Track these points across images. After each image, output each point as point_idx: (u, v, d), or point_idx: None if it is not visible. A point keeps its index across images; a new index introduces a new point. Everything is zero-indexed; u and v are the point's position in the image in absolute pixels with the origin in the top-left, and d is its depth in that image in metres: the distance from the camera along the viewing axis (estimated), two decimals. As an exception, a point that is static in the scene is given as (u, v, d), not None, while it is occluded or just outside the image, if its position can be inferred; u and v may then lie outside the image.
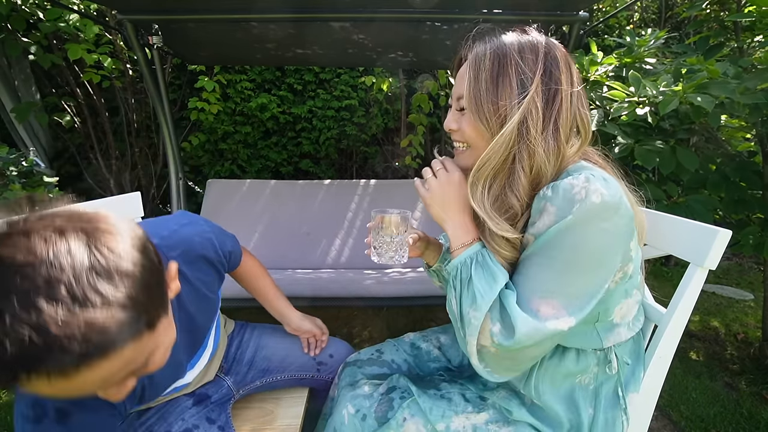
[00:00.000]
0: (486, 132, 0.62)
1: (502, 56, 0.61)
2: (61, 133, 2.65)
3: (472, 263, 0.63)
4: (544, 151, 0.59)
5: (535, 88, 0.59)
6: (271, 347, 1.03)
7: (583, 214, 0.54)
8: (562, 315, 0.56)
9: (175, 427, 0.80)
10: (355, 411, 0.76)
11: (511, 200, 0.62)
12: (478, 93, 0.61)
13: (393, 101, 3.21)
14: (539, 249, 0.59)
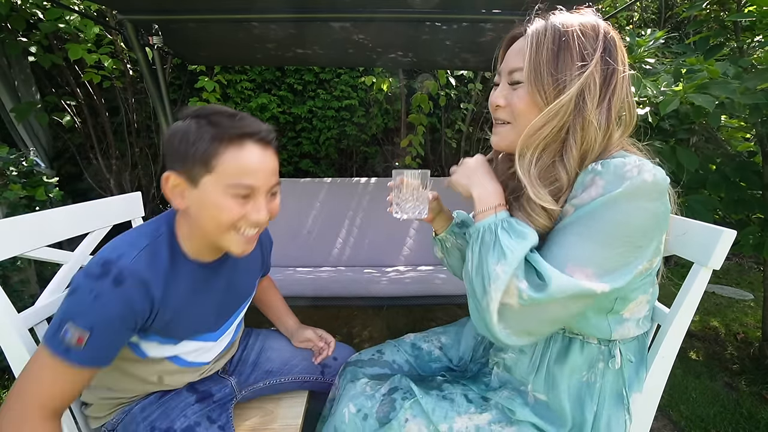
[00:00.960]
0: (542, 103, 0.62)
1: (564, 30, 0.62)
2: (61, 133, 2.65)
3: (497, 228, 0.62)
4: (597, 125, 0.60)
5: (595, 63, 0.60)
6: (276, 349, 1.04)
7: (632, 189, 0.55)
8: (596, 281, 0.56)
9: (177, 423, 0.80)
10: (357, 410, 0.76)
11: (559, 172, 0.62)
12: (539, 64, 0.61)
13: (393, 101, 3.21)
14: (579, 219, 0.58)
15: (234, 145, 0.65)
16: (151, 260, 0.68)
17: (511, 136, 0.68)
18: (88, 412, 0.84)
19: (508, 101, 0.67)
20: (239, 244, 0.71)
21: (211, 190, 0.66)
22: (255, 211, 0.69)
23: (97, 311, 0.63)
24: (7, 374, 1.73)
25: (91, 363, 0.64)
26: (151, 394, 0.85)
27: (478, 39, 1.76)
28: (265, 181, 0.69)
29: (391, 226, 2.24)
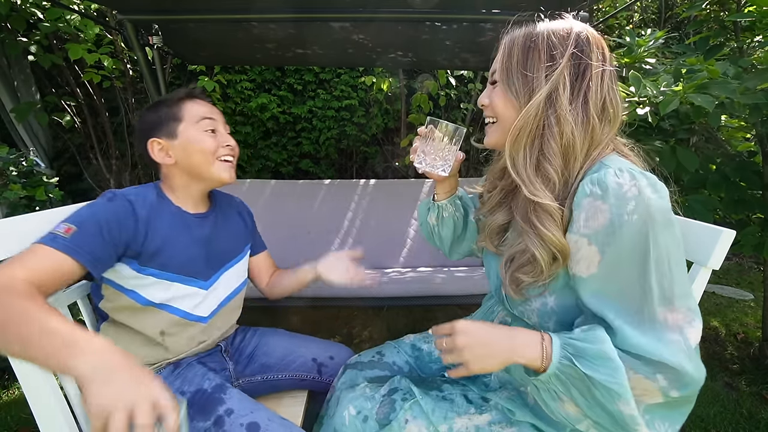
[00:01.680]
0: (515, 102, 0.65)
1: (534, 34, 0.65)
2: (61, 133, 2.65)
3: (572, 360, 0.56)
4: (573, 120, 0.61)
5: (566, 62, 0.61)
6: (272, 345, 1.07)
7: (646, 209, 0.54)
8: (691, 317, 0.54)
9: (204, 384, 0.85)
10: (357, 412, 0.75)
11: (547, 169, 0.62)
12: (510, 65, 0.65)
13: (393, 101, 3.21)
14: (620, 262, 0.56)
15: (188, 100, 0.91)
16: (139, 194, 0.85)
17: (497, 134, 0.70)
18: None
19: (490, 100, 0.70)
20: (224, 170, 0.92)
21: (188, 131, 0.89)
22: (225, 140, 0.93)
23: (87, 213, 0.77)
24: (7, 374, 1.73)
25: (72, 252, 0.70)
26: (162, 369, 0.88)
27: (478, 39, 1.76)
28: (220, 117, 0.95)
29: (390, 227, 2.24)
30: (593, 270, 0.58)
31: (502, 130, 0.68)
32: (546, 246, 0.61)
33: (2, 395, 1.65)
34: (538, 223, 0.61)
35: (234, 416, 0.78)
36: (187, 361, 0.91)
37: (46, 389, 0.73)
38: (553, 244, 0.60)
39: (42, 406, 0.74)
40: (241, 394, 0.85)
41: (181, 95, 0.92)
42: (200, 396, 0.82)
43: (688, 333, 0.54)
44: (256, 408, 0.81)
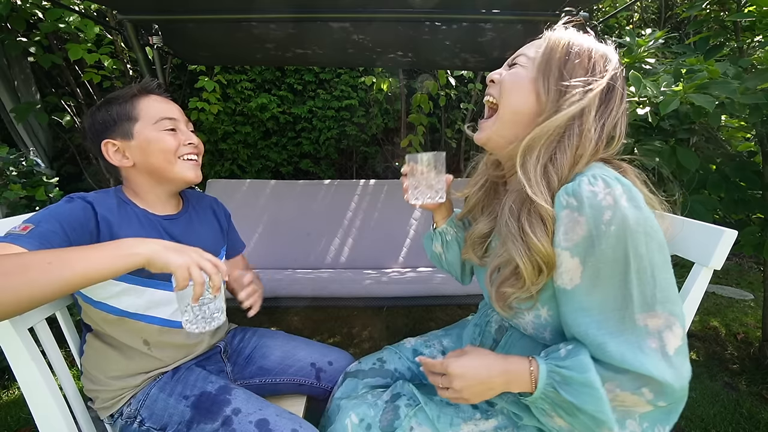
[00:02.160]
0: (536, 91, 0.65)
1: (581, 43, 0.66)
2: (61, 133, 2.65)
3: (557, 388, 0.58)
4: (590, 137, 0.62)
5: (605, 83, 0.63)
6: (270, 346, 1.05)
7: (622, 220, 0.54)
8: (671, 322, 0.55)
9: (208, 387, 0.83)
10: (359, 420, 0.74)
11: (552, 175, 0.62)
12: (551, 58, 0.65)
13: (393, 101, 3.21)
14: (601, 272, 0.56)
15: (142, 96, 0.85)
16: (99, 197, 0.80)
17: (493, 127, 0.70)
18: (96, 405, 0.84)
19: (500, 78, 0.70)
20: (188, 169, 0.87)
21: (145, 131, 0.83)
22: (186, 138, 0.87)
23: (45, 213, 0.72)
24: (7, 374, 1.73)
25: (28, 246, 0.64)
26: (160, 377, 0.86)
27: (478, 39, 1.75)
28: (181, 115, 0.88)
29: (390, 227, 2.24)
30: (577, 281, 0.58)
31: (499, 123, 0.68)
32: (532, 255, 0.59)
33: (2, 395, 1.65)
34: (528, 229, 0.60)
35: (242, 415, 0.78)
36: (185, 365, 0.90)
37: (45, 389, 0.73)
38: (539, 253, 0.59)
39: (41, 407, 0.74)
40: (247, 393, 0.84)
41: (133, 91, 0.84)
42: (205, 399, 0.81)
43: (667, 338, 0.54)
44: (264, 405, 0.81)
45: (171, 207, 0.92)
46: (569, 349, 0.60)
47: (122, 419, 0.83)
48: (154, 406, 0.82)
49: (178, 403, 0.81)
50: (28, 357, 0.71)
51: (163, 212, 0.89)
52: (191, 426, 0.78)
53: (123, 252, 0.62)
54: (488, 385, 0.63)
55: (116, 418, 0.83)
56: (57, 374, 0.80)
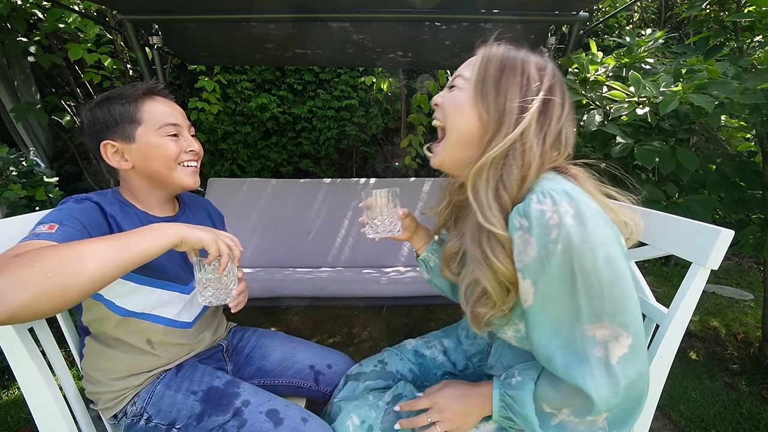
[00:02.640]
0: (477, 113, 0.64)
1: (514, 57, 0.65)
2: (61, 133, 2.65)
3: (508, 410, 0.66)
4: (533, 153, 0.62)
5: (541, 97, 0.62)
6: (269, 347, 1.06)
7: (567, 238, 0.53)
8: (619, 333, 0.54)
9: (215, 382, 0.84)
10: (360, 422, 0.74)
11: (503, 196, 0.62)
12: (485, 76, 0.65)
13: (393, 101, 3.21)
14: (551, 291, 0.56)
15: (146, 99, 0.83)
16: (102, 199, 0.80)
17: (443, 152, 0.70)
18: (98, 407, 0.85)
19: (442, 101, 0.70)
20: (187, 176, 0.86)
21: (148, 136, 0.81)
22: (188, 144, 0.86)
23: (64, 212, 0.72)
24: (7, 374, 1.73)
25: (62, 241, 0.65)
26: (164, 374, 0.86)
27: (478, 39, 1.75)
28: (184, 120, 0.87)
29: (391, 226, 2.24)
30: (530, 302, 0.59)
31: (449, 147, 0.68)
32: (497, 277, 0.61)
33: (2, 395, 1.65)
34: (490, 253, 0.61)
35: (252, 406, 0.79)
36: (189, 363, 0.90)
37: (45, 389, 0.73)
38: (504, 275, 0.60)
39: (41, 407, 0.74)
40: (254, 387, 0.85)
41: (138, 93, 0.82)
42: (214, 392, 0.82)
43: (612, 348, 0.55)
44: (271, 397, 0.83)
45: (169, 209, 0.92)
46: (519, 380, 0.65)
47: (127, 418, 0.83)
48: (160, 402, 0.82)
49: (186, 398, 0.82)
50: (28, 357, 0.71)
51: (161, 214, 0.89)
52: (202, 419, 0.79)
53: (161, 233, 0.67)
54: (468, 411, 0.70)
55: (120, 418, 0.83)
56: (57, 374, 0.80)
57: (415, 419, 0.71)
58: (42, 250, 0.57)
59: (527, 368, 0.67)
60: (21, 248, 0.60)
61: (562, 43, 1.74)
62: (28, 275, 0.53)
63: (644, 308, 0.79)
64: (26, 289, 0.52)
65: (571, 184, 0.60)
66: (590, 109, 1.56)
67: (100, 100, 0.82)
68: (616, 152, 1.41)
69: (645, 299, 0.80)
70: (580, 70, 1.67)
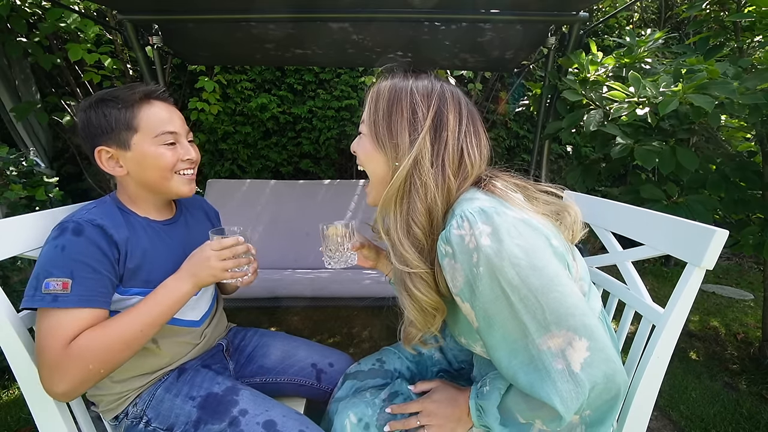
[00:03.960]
0: (381, 155, 0.66)
1: (398, 88, 0.66)
2: (61, 132, 2.65)
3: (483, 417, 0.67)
4: (434, 183, 0.62)
5: (428, 126, 0.63)
6: (271, 346, 1.07)
7: (486, 259, 0.54)
8: (570, 338, 0.53)
9: (214, 388, 0.84)
10: (358, 420, 0.75)
11: (415, 231, 0.63)
12: (376, 118, 0.66)
13: (393, 101, 3.21)
14: (489, 311, 0.56)
15: (144, 104, 0.79)
16: (104, 214, 0.77)
17: (372, 192, 0.72)
18: (99, 409, 0.85)
19: (357, 149, 0.72)
20: (183, 184, 0.85)
21: (144, 145, 0.79)
22: (185, 153, 0.84)
23: (69, 259, 0.69)
24: (7, 374, 1.73)
25: (84, 303, 0.69)
26: (166, 377, 0.86)
27: (478, 39, 1.75)
28: (182, 127, 0.84)
29: (391, 226, 2.24)
30: (476, 324, 0.59)
31: (375, 187, 0.70)
32: (420, 306, 0.62)
33: (2, 395, 1.65)
34: (410, 285, 0.62)
35: (249, 416, 0.78)
36: (191, 366, 0.90)
37: (46, 389, 0.73)
38: (426, 303, 0.62)
39: (41, 406, 0.74)
40: (254, 393, 0.84)
41: (136, 97, 0.78)
42: (212, 399, 0.82)
43: (570, 355, 0.53)
44: (271, 406, 0.81)
45: (166, 212, 0.91)
46: (487, 389, 0.67)
47: (128, 419, 0.83)
48: (160, 406, 0.82)
49: (185, 403, 0.81)
50: (28, 357, 0.71)
51: (160, 218, 0.89)
52: (198, 426, 0.79)
53: (181, 298, 0.76)
54: (457, 417, 0.71)
55: (121, 419, 0.84)
56: (57, 374, 0.80)
57: (406, 421, 0.72)
58: (85, 343, 0.67)
59: (497, 378, 0.66)
60: (61, 333, 0.66)
61: (562, 43, 1.74)
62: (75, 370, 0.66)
63: (640, 309, 0.79)
64: (74, 380, 0.66)
65: (488, 198, 0.60)
66: (590, 109, 1.56)
67: (96, 102, 0.78)
68: (616, 152, 1.41)
69: (641, 299, 0.80)
70: (580, 70, 1.67)
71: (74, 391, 0.67)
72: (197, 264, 0.78)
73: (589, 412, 0.60)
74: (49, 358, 0.65)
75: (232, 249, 0.78)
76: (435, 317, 0.64)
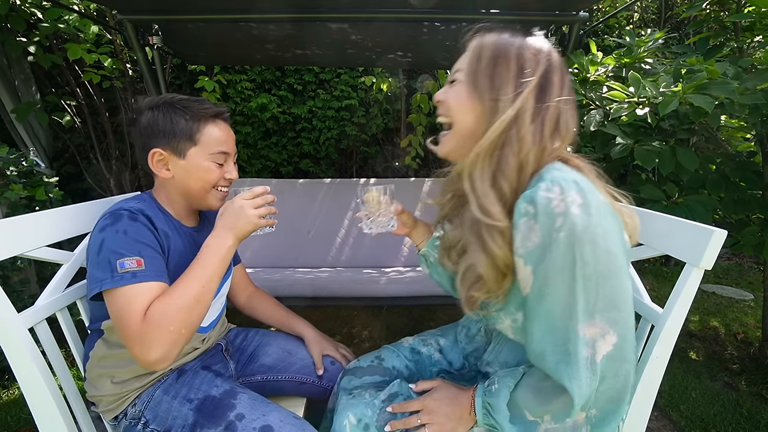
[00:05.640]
0: (477, 105, 0.64)
1: (506, 44, 0.65)
2: (61, 133, 2.65)
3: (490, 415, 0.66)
4: (531, 140, 0.62)
5: (534, 83, 0.62)
6: (273, 344, 1.07)
7: (571, 227, 0.53)
8: (606, 330, 0.55)
9: (212, 391, 0.84)
10: (357, 420, 0.75)
11: (502, 184, 0.62)
12: (478, 67, 0.65)
13: (393, 101, 3.21)
14: (549, 279, 0.56)
15: (210, 122, 0.86)
16: (148, 207, 0.82)
17: (451, 143, 0.70)
18: (99, 409, 0.85)
19: (446, 98, 0.70)
20: (217, 200, 0.90)
21: (198, 158, 0.85)
22: (228, 172, 0.91)
23: (134, 240, 0.74)
24: (7, 374, 1.73)
25: (158, 277, 0.74)
26: (165, 378, 0.86)
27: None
28: (233, 148, 0.92)
29: (390, 226, 2.24)
30: (528, 290, 0.59)
31: (456, 138, 0.69)
32: (493, 262, 0.61)
33: (2, 395, 1.65)
34: (489, 239, 0.61)
35: (246, 421, 0.78)
36: (191, 367, 0.90)
37: (45, 389, 0.73)
38: (500, 260, 0.61)
39: (41, 407, 0.74)
40: (252, 397, 0.84)
41: (205, 114, 0.85)
42: (209, 403, 0.81)
43: (598, 346, 0.55)
44: (268, 410, 0.81)
45: (194, 219, 0.96)
46: (496, 387, 0.67)
47: (126, 420, 0.83)
48: (158, 408, 0.82)
49: (182, 405, 0.81)
50: (28, 357, 0.71)
51: (189, 223, 0.93)
52: (194, 430, 0.79)
53: (226, 254, 0.78)
54: (458, 415, 0.70)
55: (120, 420, 0.84)
56: (57, 374, 0.81)
57: (406, 420, 0.72)
58: (158, 309, 0.69)
59: (506, 375, 0.68)
60: (138, 304, 0.69)
61: (562, 43, 1.74)
62: (160, 336, 0.68)
63: (639, 309, 0.79)
64: (163, 345, 0.68)
65: (579, 175, 0.59)
66: (590, 110, 1.56)
67: (164, 105, 0.84)
68: (616, 152, 1.41)
69: (640, 299, 0.81)
70: (580, 70, 1.67)
71: (168, 355, 0.69)
72: (233, 216, 0.79)
73: (595, 411, 0.60)
74: (133, 332, 0.68)
75: (263, 197, 0.83)
76: (506, 277, 0.62)
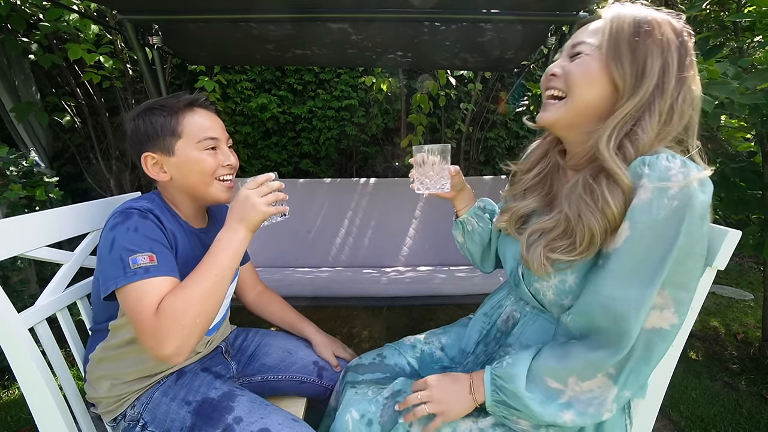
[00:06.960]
0: (609, 76, 0.63)
1: (648, 19, 0.63)
2: (61, 133, 2.65)
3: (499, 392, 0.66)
4: (668, 114, 0.62)
5: (677, 59, 0.62)
6: (273, 344, 1.07)
7: (687, 198, 0.55)
8: (666, 305, 0.57)
9: (211, 393, 0.84)
10: (360, 416, 0.75)
11: (628, 149, 0.62)
12: (619, 40, 0.63)
13: (393, 101, 3.21)
14: (645, 241, 0.57)
15: (188, 111, 0.85)
16: (156, 207, 0.82)
17: (561, 111, 0.68)
18: (99, 410, 0.85)
19: (564, 71, 0.68)
20: (223, 191, 0.88)
21: (186, 150, 0.83)
22: (225, 158, 0.87)
23: (145, 238, 0.75)
24: (7, 374, 1.73)
25: (170, 272, 0.74)
26: (164, 380, 0.86)
27: (478, 39, 1.75)
28: (223, 134, 0.89)
29: (390, 227, 2.24)
30: (618, 245, 0.60)
31: (569, 109, 0.67)
32: (603, 215, 0.61)
33: (2, 395, 1.65)
34: (609, 197, 0.60)
35: (243, 424, 0.77)
36: (190, 369, 0.90)
37: (45, 389, 0.73)
38: (612, 216, 0.60)
39: (41, 407, 0.74)
40: (251, 399, 0.83)
41: (180, 105, 0.84)
42: (207, 405, 0.81)
43: (654, 315, 0.58)
44: (267, 413, 0.80)
45: (201, 220, 0.95)
46: (509, 362, 0.67)
47: (125, 421, 0.83)
48: (156, 410, 0.82)
49: (180, 408, 0.81)
50: (28, 357, 0.71)
51: (197, 225, 0.92)
52: None
53: (239, 247, 0.77)
54: (458, 392, 0.70)
55: (119, 421, 0.84)
56: (57, 374, 0.81)
57: (408, 398, 0.72)
58: (171, 303, 0.69)
59: (521, 351, 0.69)
60: (151, 299, 0.69)
61: (563, 43, 1.74)
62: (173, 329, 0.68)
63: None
64: (177, 338, 0.68)
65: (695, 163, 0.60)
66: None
67: (143, 111, 0.84)
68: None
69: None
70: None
71: (183, 348, 0.69)
72: (241, 208, 0.78)
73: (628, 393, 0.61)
74: (146, 326, 0.68)
75: (268, 185, 0.80)
76: (607, 233, 0.62)
